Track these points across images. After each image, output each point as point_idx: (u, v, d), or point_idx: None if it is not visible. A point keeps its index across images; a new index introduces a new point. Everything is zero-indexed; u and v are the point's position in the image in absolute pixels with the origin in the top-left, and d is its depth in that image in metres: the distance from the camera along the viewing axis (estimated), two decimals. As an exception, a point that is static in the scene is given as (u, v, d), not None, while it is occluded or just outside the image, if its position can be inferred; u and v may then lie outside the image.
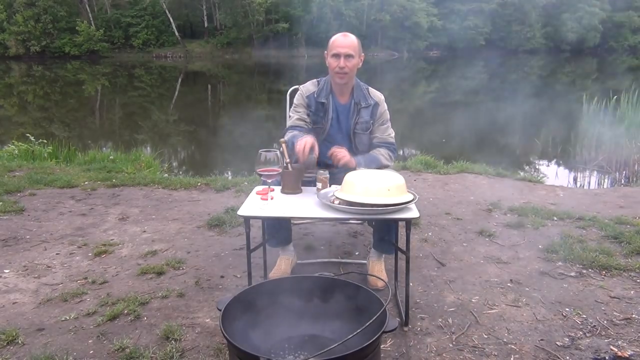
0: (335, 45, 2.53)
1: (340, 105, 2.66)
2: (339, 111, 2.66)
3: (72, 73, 27.90)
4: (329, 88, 2.65)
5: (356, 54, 2.54)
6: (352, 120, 2.63)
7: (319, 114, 2.64)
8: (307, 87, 2.69)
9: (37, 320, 2.29)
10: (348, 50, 2.51)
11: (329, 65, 2.57)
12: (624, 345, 2.06)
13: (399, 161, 5.64)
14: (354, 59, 2.53)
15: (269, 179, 2.16)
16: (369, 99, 2.64)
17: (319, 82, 2.69)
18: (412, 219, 2.06)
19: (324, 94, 2.63)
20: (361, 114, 2.62)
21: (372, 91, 2.70)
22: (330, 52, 2.55)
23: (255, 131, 9.51)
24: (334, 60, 2.53)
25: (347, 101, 2.66)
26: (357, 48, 2.55)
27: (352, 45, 2.53)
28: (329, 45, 2.57)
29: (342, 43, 2.53)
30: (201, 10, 42.90)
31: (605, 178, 6.21)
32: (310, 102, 2.65)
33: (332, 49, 2.54)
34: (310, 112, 2.64)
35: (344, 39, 2.54)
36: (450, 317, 2.30)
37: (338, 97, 2.66)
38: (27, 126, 11.25)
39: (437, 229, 3.42)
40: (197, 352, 2.04)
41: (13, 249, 3.14)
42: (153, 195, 4.27)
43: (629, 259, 2.88)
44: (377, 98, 2.67)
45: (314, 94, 2.64)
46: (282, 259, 2.75)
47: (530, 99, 16.37)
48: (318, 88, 2.66)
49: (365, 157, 2.56)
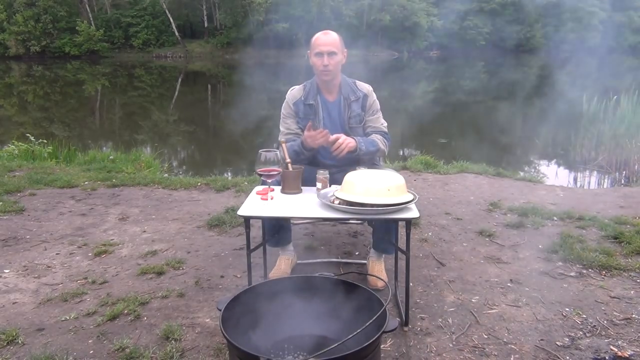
0: (317, 44, 2.54)
1: (330, 103, 2.67)
2: (330, 109, 2.66)
3: (72, 73, 27.90)
4: (315, 88, 2.65)
5: (339, 51, 2.55)
6: (345, 114, 2.64)
7: (309, 117, 2.64)
8: (293, 93, 2.70)
9: (37, 320, 2.29)
10: (330, 48, 2.52)
11: (314, 65, 2.58)
12: (624, 345, 2.06)
13: (399, 161, 5.64)
14: (337, 56, 2.54)
15: (269, 179, 2.16)
16: (357, 92, 2.65)
17: (305, 86, 2.69)
18: (412, 219, 2.06)
19: (311, 96, 2.64)
20: (352, 107, 2.64)
21: (359, 84, 2.71)
22: (313, 51, 2.55)
23: (255, 131, 9.51)
24: (317, 59, 2.54)
25: (335, 98, 2.67)
26: (339, 45, 2.56)
27: (334, 43, 2.54)
28: (312, 45, 2.57)
29: (324, 41, 2.54)
30: (201, 10, 42.89)
31: (605, 178, 6.21)
32: (298, 108, 2.66)
33: (315, 47, 2.55)
34: (299, 119, 2.65)
35: (326, 37, 2.55)
36: (450, 317, 2.30)
37: (326, 95, 2.67)
38: (27, 126, 11.25)
39: (437, 229, 3.42)
40: (197, 352, 2.04)
41: (13, 249, 3.14)
42: (153, 195, 4.27)
43: (629, 259, 2.88)
44: (365, 90, 2.68)
45: (302, 98, 2.65)
46: (282, 259, 2.75)
47: (530, 99, 16.37)
48: (305, 91, 2.66)
49: (364, 139, 2.57)
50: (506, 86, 20.07)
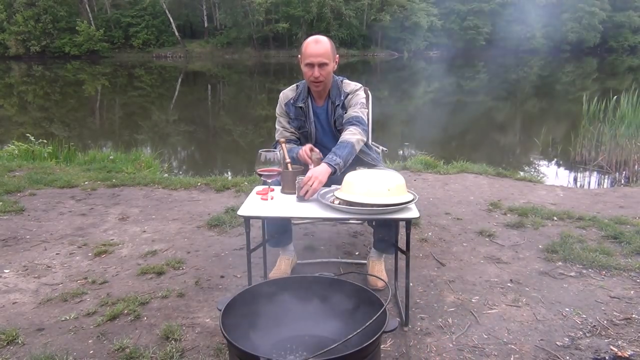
0: (307, 53, 2.45)
1: (318, 108, 2.66)
2: (318, 114, 2.66)
3: (72, 73, 27.91)
4: (306, 92, 2.63)
5: (330, 60, 2.47)
6: (331, 120, 2.63)
7: (300, 118, 2.65)
8: (285, 93, 2.69)
9: (37, 320, 2.29)
10: (321, 59, 2.43)
11: (304, 74, 2.51)
12: (624, 345, 2.06)
13: (399, 161, 5.65)
14: (328, 66, 2.46)
15: (269, 179, 2.16)
16: (341, 95, 2.60)
17: (297, 86, 2.68)
18: (412, 219, 2.06)
19: (301, 99, 2.63)
20: (337, 111, 2.61)
21: (345, 84, 2.63)
22: (304, 60, 2.47)
23: (255, 131, 9.52)
24: (308, 70, 2.47)
25: (323, 103, 2.65)
26: (330, 54, 2.47)
27: (325, 53, 2.44)
28: (302, 53, 2.48)
29: (315, 52, 2.43)
30: (201, 10, 42.93)
31: (605, 178, 6.21)
32: (289, 109, 2.66)
33: (305, 58, 2.46)
34: (290, 120, 2.66)
35: (316, 47, 2.44)
36: (450, 317, 2.30)
37: (316, 100, 2.65)
38: (27, 126, 11.26)
39: (437, 229, 3.42)
40: (197, 352, 2.04)
41: (13, 249, 3.14)
42: (153, 195, 4.27)
43: (629, 259, 2.88)
44: (349, 89, 2.61)
45: (292, 100, 2.65)
46: (282, 259, 2.75)
47: (530, 99, 16.38)
48: (296, 93, 2.65)
49: (335, 150, 2.35)
50: (506, 86, 20.08)
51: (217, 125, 12.40)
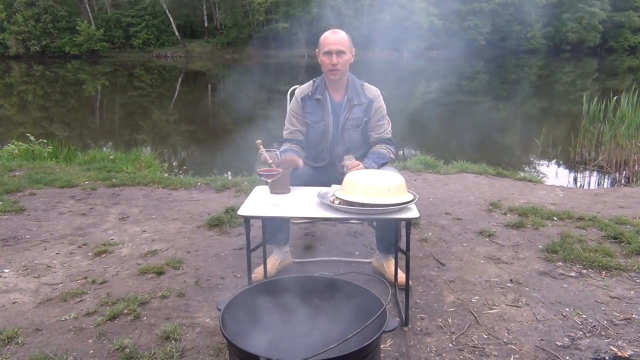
0: (326, 42, 2.53)
1: (335, 103, 2.66)
2: (334, 107, 2.66)
3: (72, 73, 27.91)
4: (323, 85, 2.65)
5: (347, 50, 2.54)
6: (343, 116, 2.63)
7: (317, 112, 2.65)
8: (302, 88, 2.71)
9: (37, 320, 2.29)
10: (339, 47, 2.50)
11: (322, 64, 2.57)
12: (624, 345, 2.06)
13: (399, 161, 5.64)
14: (345, 55, 2.53)
15: (269, 179, 2.16)
16: (362, 97, 2.63)
17: (314, 81, 2.70)
18: (412, 219, 2.06)
19: (319, 91, 2.65)
20: (353, 110, 2.63)
21: (366, 88, 2.68)
22: (322, 50, 2.54)
23: (255, 131, 9.51)
24: (326, 58, 2.53)
25: (341, 98, 2.66)
26: (347, 43, 2.54)
27: (343, 41, 2.52)
28: (320, 43, 2.56)
29: (333, 40, 2.52)
30: (201, 10, 42.90)
31: (605, 178, 6.21)
32: (306, 103, 2.66)
33: (324, 46, 2.53)
34: (306, 114, 2.66)
35: (334, 36, 2.53)
36: (450, 317, 2.30)
37: (332, 94, 2.66)
38: (27, 126, 11.26)
39: (437, 229, 3.42)
40: (197, 352, 2.04)
41: (13, 248, 3.14)
42: (153, 195, 4.27)
43: (629, 259, 2.88)
44: (372, 95, 2.66)
45: (309, 93, 2.66)
46: (270, 258, 2.71)
47: (530, 99, 16.38)
48: (313, 87, 2.67)
49: (370, 157, 2.57)
50: (506, 86, 20.08)
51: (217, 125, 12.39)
